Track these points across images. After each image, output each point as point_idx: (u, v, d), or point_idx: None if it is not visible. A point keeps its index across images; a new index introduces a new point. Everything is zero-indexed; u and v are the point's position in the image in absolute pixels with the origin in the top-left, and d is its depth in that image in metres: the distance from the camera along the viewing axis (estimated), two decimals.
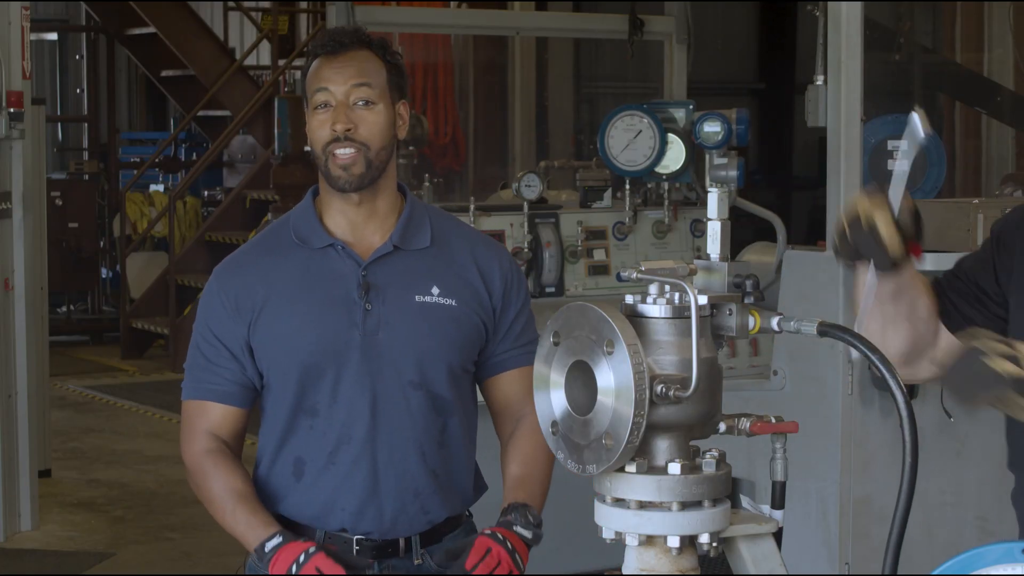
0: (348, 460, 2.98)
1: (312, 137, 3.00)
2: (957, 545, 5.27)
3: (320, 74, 2.99)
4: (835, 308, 5.11)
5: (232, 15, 15.44)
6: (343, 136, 2.95)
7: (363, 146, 2.97)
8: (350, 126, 2.96)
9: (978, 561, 2.02)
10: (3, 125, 7.21)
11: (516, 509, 2.98)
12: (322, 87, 2.98)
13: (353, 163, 2.96)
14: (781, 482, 2.30)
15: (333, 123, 2.96)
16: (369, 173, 2.98)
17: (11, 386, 7.45)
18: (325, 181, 3.01)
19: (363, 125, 2.97)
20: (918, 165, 5.37)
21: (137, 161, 16.43)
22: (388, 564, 3.03)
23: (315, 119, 2.99)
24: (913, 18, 6.77)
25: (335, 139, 2.96)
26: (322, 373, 2.98)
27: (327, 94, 2.97)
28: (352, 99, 2.97)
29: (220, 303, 3.03)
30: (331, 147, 2.96)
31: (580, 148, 10.78)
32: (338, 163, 2.96)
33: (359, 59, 3.01)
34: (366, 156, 2.97)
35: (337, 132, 2.95)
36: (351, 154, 2.96)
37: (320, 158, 2.99)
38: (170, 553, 7.28)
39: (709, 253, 2.28)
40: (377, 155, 2.98)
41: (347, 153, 2.96)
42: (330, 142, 2.96)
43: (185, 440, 3.05)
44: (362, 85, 2.98)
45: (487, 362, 3.10)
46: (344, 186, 2.97)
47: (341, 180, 2.97)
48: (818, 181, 6.28)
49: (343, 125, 2.95)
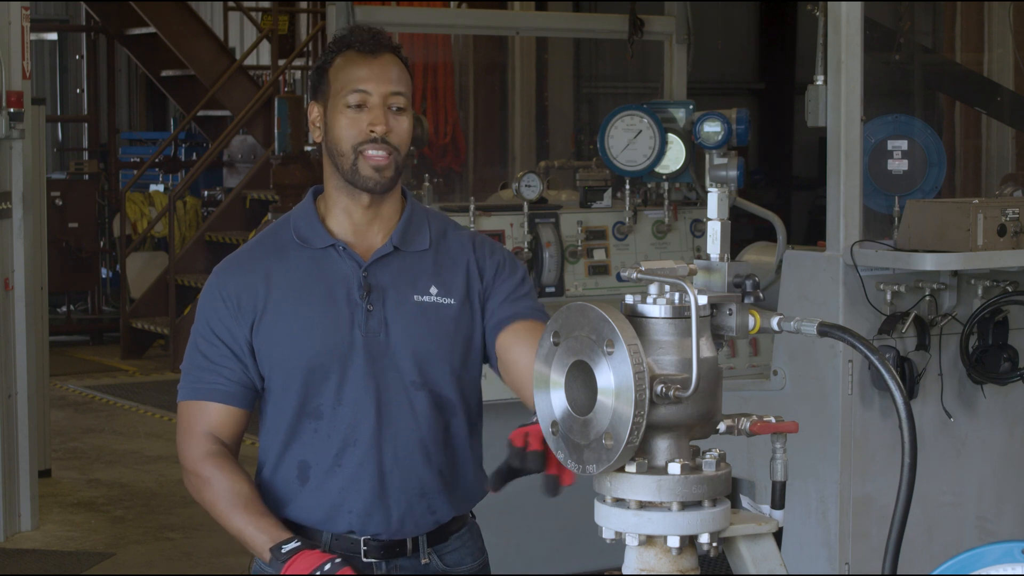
0: (354, 462, 2.97)
1: (339, 135, 2.97)
2: (957, 545, 5.29)
3: (357, 72, 2.98)
4: (835, 308, 5.11)
5: (232, 15, 15.45)
6: (381, 138, 2.96)
7: (395, 150, 2.98)
8: (388, 129, 2.96)
9: (978, 561, 2.02)
10: (3, 125, 7.21)
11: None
12: (360, 87, 2.96)
13: (386, 166, 2.96)
14: (781, 482, 2.30)
15: (371, 124, 2.95)
16: (395, 177, 3.00)
17: (11, 386, 7.45)
18: (345, 180, 2.99)
19: (396, 130, 2.98)
20: (918, 165, 5.39)
21: (137, 161, 16.44)
22: (396, 564, 3.02)
23: (346, 117, 2.97)
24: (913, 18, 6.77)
25: (371, 140, 2.96)
26: (327, 375, 2.97)
27: (364, 95, 2.96)
28: (389, 102, 2.98)
29: (221, 302, 3.01)
30: (364, 147, 2.95)
31: (580, 148, 10.78)
32: (371, 163, 2.96)
33: (394, 65, 3.01)
34: (396, 160, 2.98)
35: (376, 134, 2.95)
36: (384, 156, 2.96)
37: (347, 156, 2.97)
38: (170, 553, 7.28)
39: (709, 253, 2.28)
40: (402, 161, 3.01)
41: (381, 155, 2.96)
42: (364, 142, 2.96)
43: (183, 443, 3.02)
44: (399, 92, 2.99)
45: (488, 324, 3.04)
46: (373, 187, 2.97)
47: (371, 181, 2.96)
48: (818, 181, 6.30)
49: (383, 127, 2.95)
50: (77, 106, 18.53)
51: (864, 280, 5.08)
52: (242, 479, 2.95)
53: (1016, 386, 5.39)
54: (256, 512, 2.91)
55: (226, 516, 2.94)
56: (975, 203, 5.02)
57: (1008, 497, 5.51)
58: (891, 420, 5.15)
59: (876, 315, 5.14)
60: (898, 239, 5.12)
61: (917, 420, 2.12)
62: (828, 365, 5.17)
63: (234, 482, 2.93)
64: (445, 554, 3.07)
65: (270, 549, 2.84)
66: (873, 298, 5.13)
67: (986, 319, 5.24)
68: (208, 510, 2.98)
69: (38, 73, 17.69)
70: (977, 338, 5.27)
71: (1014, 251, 5.02)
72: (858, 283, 5.08)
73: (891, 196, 5.32)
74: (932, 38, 7.00)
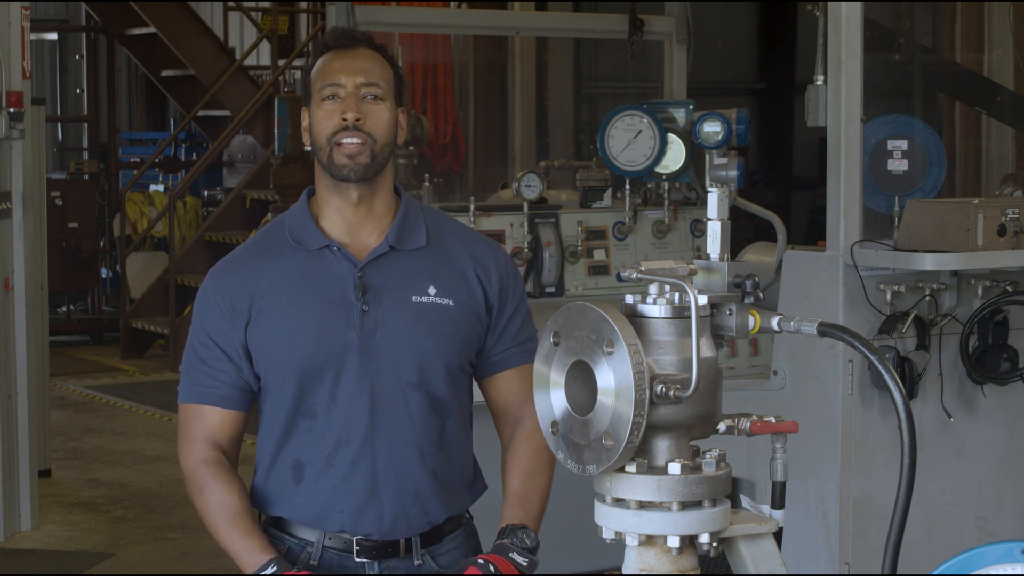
0: (347, 462, 2.98)
1: (317, 128, 2.99)
2: (957, 545, 5.29)
3: (330, 67, 2.99)
4: (835, 308, 5.11)
5: (232, 15, 15.45)
6: (352, 125, 2.95)
7: (369, 137, 2.97)
8: (360, 115, 2.96)
9: (978, 561, 2.02)
10: (3, 125, 7.21)
11: (513, 532, 2.95)
12: (332, 81, 2.97)
13: (359, 152, 2.96)
14: (781, 482, 2.30)
15: (343, 112, 2.95)
16: (372, 166, 2.98)
17: (11, 386, 7.45)
18: (327, 173, 3.00)
19: (371, 117, 2.97)
20: (918, 165, 5.39)
21: (137, 161, 16.44)
22: (388, 564, 3.02)
23: (321, 110, 2.98)
24: (913, 18, 6.77)
25: (343, 128, 2.95)
26: (321, 375, 2.97)
27: (336, 87, 2.97)
28: (362, 92, 2.98)
29: (216, 305, 3.02)
30: (338, 136, 2.96)
31: (580, 148, 10.77)
32: (344, 151, 2.96)
33: (369, 57, 3.02)
34: (372, 148, 2.97)
35: (347, 121, 2.95)
36: (357, 144, 2.96)
37: (324, 149, 2.98)
38: (170, 553, 7.27)
39: (709, 253, 2.28)
40: (381, 150, 2.98)
41: (354, 142, 2.96)
42: (337, 131, 2.96)
43: (182, 446, 3.04)
44: (372, 81, 2.98)
45: (486, 361, 3.09)
46: (348, 175, 2.96)
47: (346, 169, 2.96)
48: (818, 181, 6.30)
49: (354, 114, 2.95)
50: (77, 106, 18.53)
51: (864, 280, 5.08)
52: (232, 490, 2.96)
53: (1016, 386, 5.38)
54: (241, 529, 2.92)
55: (214, 528, 2.98)
56: (975, 203, 5.02)
57: (1008, 497, 5.51)
58: (891, 420, 5.15)
59: (876, 315, 5.14)
60: (898, 239, 5.12)
61: (917, 420, 2.12)
62: (828, 365, 5.17)
63: (224, 494, 2.95)
64: (439, 555, 3.07)
65: (251, 574, 2.88)
66: (873, 298, 5.13)
67: (986, 319, 5.24)
68: (201, 518, 3.01)
69: (38, 73, 17.69)
70: (977, 338, 5.27)
71: (1014, 251, 5.02)
72: (858, 283, 5.08)
73: (891, 196, 5.32)
74: (932, 38, 7.00)
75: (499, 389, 3.11)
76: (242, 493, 2.97)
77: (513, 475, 3.05)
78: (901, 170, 5.37)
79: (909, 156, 5.37)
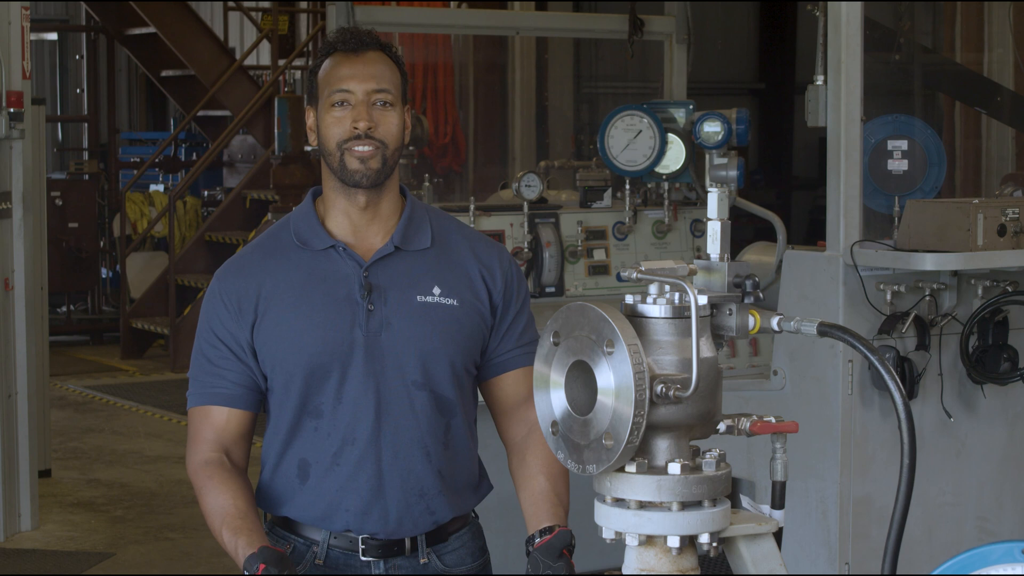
0: (352, 461, 2.98)
1: (326, 134, 2.99)
2: (957, 545, 5.29)
3: (339, 72, 2.99)
4: (835, 308, 5.11)
5: (232, 15, 15.46)
6: (364, 134, 2.96)
7: (381, 144, 2.98)
8: (371, 124, 2.96)
9: (978, 561, 2.02)
10: (3, 125, 7.21)
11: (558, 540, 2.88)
12: (342, 87, 2.97)
13: (371, 158, 2.97)
14: (781, 482, 2.30)
15: (355, 121, 2.96)
16: (384, 170, 2.99)
17: (11, 386, 7.45)
18: (337, 177, 3.01)
19: (382, 125, 2.98)
20: (918, 165, 5.38)
21: (137, 161, 16.44)
22: (393, 563, 3.03)
23: (331, 116, 2.98)
24: (913, 18, 6.77)
25: (355, 136, 2.96)
26: (327, 374, 2.97)
27: (346, 93, 2.97)
28: (373, 99, 2.98)
29: (223, 305, 3.02)
30: (349, 144, 2.97)
31: (580, 148, 10.78)
32: (356, 156, 2.96)
33: (378, 61, 3.01)
34: (383, 153, 2.98)
35: (359, 130, 2.96)
36: (370, 150, 2.97)
37: (334, 155, 2.98)
38: (170, 553, 7.28)
39: (709, 253, 2.28)
40: (392, 155, 3.00)
41: (366, 150, 2.97)
42: (348, 139, 2.97)
43: (187, 448, 3.05)
44: (383, 87, 2.99)
45: (489, 363, 3.09)
46: (360, 180, 2.97)
47: (358, 174, 2.97)
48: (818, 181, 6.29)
49: (365, 123, 2.96)
50: (77, 106, 18.54)
51: (864, 280, 5.08)
52: (227, 491, 2.95)
53: (1016, 386, 5.39)
54: (231, 529, 2.90)
55: (211, 530, 2.98)
56: (975, 203, 5.02)
57: (1008, 497, 5.51)
58: (891, 420, 5.15)
59: (876, 315, 5.14)
60: (898, 239, 5.12)
61: (917, 420, 2.12)
62: (828, 365, 5.17)
63: (219, 495, 2.94)
64: (444, 554, 3.07)
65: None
66: (873, 298, 5.13)
67: (986, 319, 5.24)
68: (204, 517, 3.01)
69: (38, 73, 17.70)
70: (977, 338, 5.27)
71: (1014, 251, 5.02)
72: (858, 283, 5.08)
73: (891, 196, 5.32)
74: (932, 38, 7.00)
75: (505, 390, 3.11)
76: (238, 493, 2.96)
77: (541, 474, 3.00)
78: (901, 170, 5.37)
79: (909, 156, 5.37)
